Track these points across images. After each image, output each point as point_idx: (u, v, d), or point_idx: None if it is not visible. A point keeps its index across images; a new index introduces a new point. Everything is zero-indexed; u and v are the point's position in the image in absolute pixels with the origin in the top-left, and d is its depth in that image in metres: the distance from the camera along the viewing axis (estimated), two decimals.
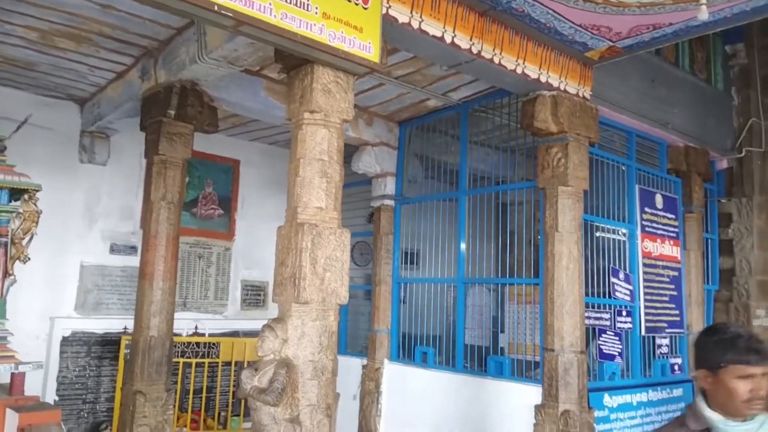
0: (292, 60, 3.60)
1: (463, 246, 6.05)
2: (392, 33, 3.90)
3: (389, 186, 6.83)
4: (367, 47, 3.58)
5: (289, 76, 3.70)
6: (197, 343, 7.02)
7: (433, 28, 4.11)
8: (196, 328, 7.16)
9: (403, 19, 3.92)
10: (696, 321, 6.41)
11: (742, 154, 6.89)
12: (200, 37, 4.43)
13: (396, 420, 6.24)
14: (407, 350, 6.46)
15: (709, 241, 6.95)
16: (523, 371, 5.44)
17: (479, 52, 4.42)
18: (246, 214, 7.94)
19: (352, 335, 7.49)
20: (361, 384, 6.65)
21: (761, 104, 6.93)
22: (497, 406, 5.33)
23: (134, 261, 6.24)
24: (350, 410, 6.47)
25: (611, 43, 4.95)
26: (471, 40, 4.34)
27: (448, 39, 4.21)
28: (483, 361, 5.74)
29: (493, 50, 4.51)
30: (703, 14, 3.39)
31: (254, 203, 8.00)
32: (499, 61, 4.58)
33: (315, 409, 3.34)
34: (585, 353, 4.99)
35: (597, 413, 5.05)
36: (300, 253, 3.37)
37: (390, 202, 6.82)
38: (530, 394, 5.06)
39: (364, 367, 6.68)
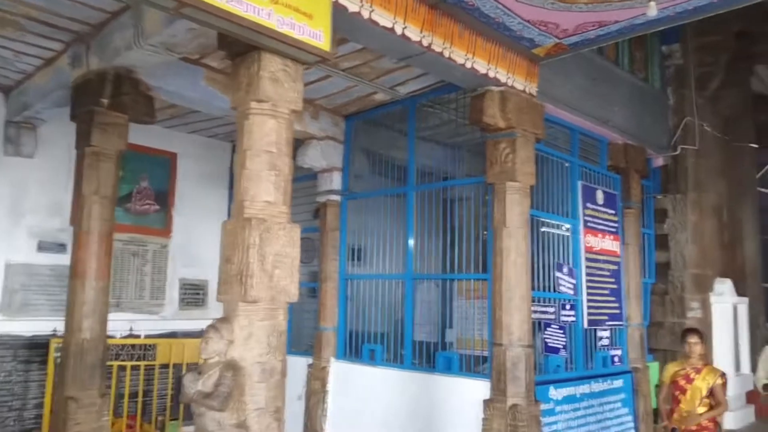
0: (238, 46, 3.42)
1: (411, 242, 6.00)
2: (342, 22, 3.78)
3: (335, 181, 6.70)
4: (318, 35, 3.45)
5: (234, 64, 3.52)
6: (132, 346, 6.69)
7: (383, 18, 4.02)
8: (131, 329, 6.82)
9: (353, 8, 3.81)
10: (634, 313, 6.61)
11: (677, 152, 7.14)
12: (137, 21, 4.17)
13: (343, 420, 6.13)
14: (354, 348, 6.36)
15: (646, 235, 7.18)
16: (472, 366, 5.45)
17: (430, 45, 4.36)
18: (184, 210, 7.63)
19: (297, 334, 7.32)
20: (307, 384, 6.50)
21: (695, 103, 7.20)
22: (446, 402, 5.30)
23: (64, 259, 5.86)
24: (295, 411, 6.31)
25: (558, 40, 5.00)
26: (422, 32, 4.28)
27: (398, 30, 4.14)
28: (432, 357, 5.71)
29: (444, 44, 4.47)
30: (652, 11, 3.44)
31: (193, 198, 7.70)
32: (450, 54, 4.54)
33: (263, 412, 3.20)
34: (532, 347, 5.03)
35: (543, 406, 5.11)
36: (247, 249, 3.21)
37: (336, 198, 6.69)
38: (479, 388, 5.06)
39: (309, 366, 6.53)
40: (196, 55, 5.09)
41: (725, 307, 7.50)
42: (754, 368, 8.08)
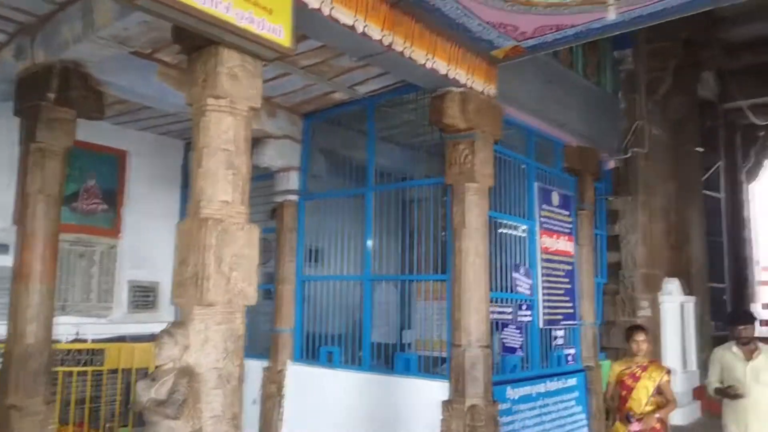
0: (195, 40, 3.31)
1: (369, 243, 5.96)
2: (302, 18, 3.69)
3: (293, 181, 6.60)
4: (278, 31, 3.37)
5: (190, 59, 3.40)
6: (79, 351, 6.43)
7: (344, 16, 3.96)
8: (78, 333, 6.55)
9: (313, 4, 3.74)
10: (587, 313, 6.74)
11: (628, 155, 7.32)
12: (86, 13, 3.99)
13: (300, 423, 6.03)
14: (312, 350, 6.27)
15: (599, 236, 7.33)
16: (431, 367, 5.44)
17: (390, 44, 4.33)
18: (134, 210, 7.37)
19: (252, 336, 7.12)
20: (262, 387, 6.37)
21: (645, 108, 7.40)
22: (405, 404, 5.28)
23: (6, 261, 5.56)
24: (250, 416, 6.17)
25: (516, 43, 5.05)
26: (382, 31, 4.24)
27: (359, 29, 4.09)
28: (390, 358, 5.68)
29: (404, 43, 4.44)
30: (611, 14, 3.49)
31: (144, 197, 7.45)
32: (410, 54, 4.52)
33: (220, 420, 3.10)
34: (490, 347, 5.06)
35: (501, 406, 5.15)
36: (204, 250, 3.11)
37: (294, 198, 6.59)
38: (438, 390, 5.06)
39: (265, 369, 6.41)
40: (149, 49, 4.92)
41: (673, 305, 7.74)
42: (701, 365, 8.37)
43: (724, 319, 10.25)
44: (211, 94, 3.23)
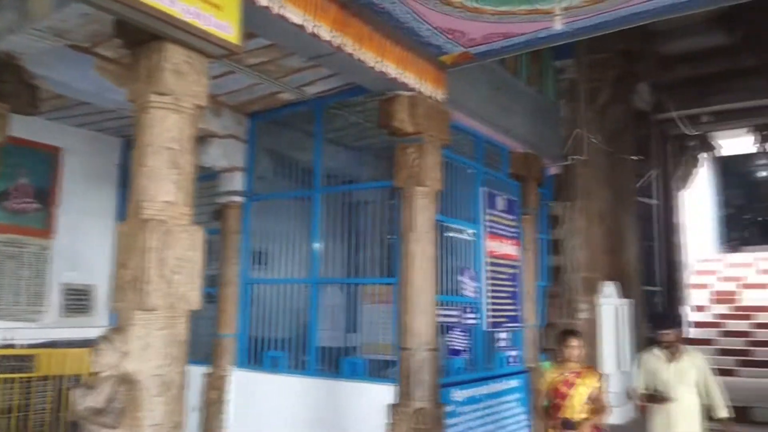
0: (138, 35, 3.18)
1: (316, 245, 5.89)
2: (251, 15, 3.62)
3: (238, 182, 6.46)
4: (226, 27, 3.29)
5: (132, 54, 3.27)
6: (8, 357, 6.08)
7: (294, 15, 3.91)
8: (6, 339, 6.20)
9: (262, 1, 3.68)
10: (530, 315, 6.88)
11: (569, 162, 7.53)
12: (21, 3, 3.78)
13: (243, 431, 5.89)
14: (256, 356, 6.14)
15: (542, 240, 7.50)
16: (377, 371, 5.42)
17: (340, 45, 4.30)
18: (68, 209, 7.05)
19: (193, 341, 6.85)
20: (203, 394, 6.20)
21: (585, 116, 7.63)
22: (352, 408, 5.24)
23: None
24: (190, 423, 5.98)
25: (465, 49, 5.11)
26: (332, 32, 4.21)
27: (309, 29, 4.04)
28: (337, 362, 5.62)
29: (354, 45, 4.43)
30: (558, 25, 3.57)
31: (79, 197, 7.13)
32: (360, 56, 4.50)
33: (161, 429, 2.99)
34: (437, 350, 5.08)
35: (446, 408, 5.18)
36: (145, 253, 2.99)
37: (239, 199, 6.45)
38: (384, 393, 5.04)
39: (206, 375, 6.23)
40: (88, 42, 4.70)
41: (610, 308, 8.00)
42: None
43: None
44: (155, 91, 3.12)
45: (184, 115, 3.22)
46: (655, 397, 4.48)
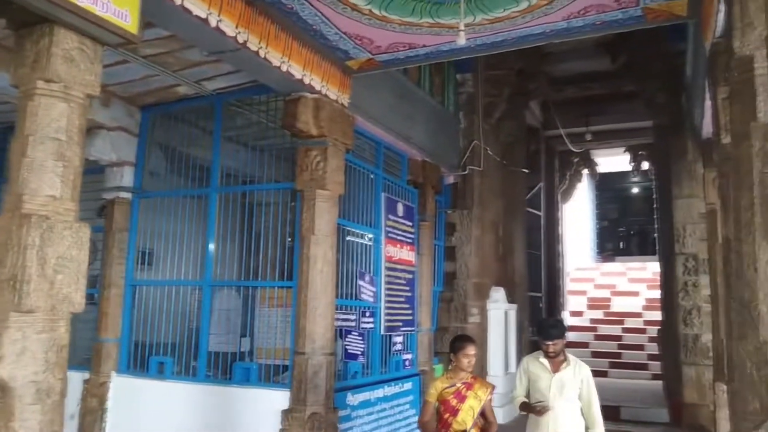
0: (24, 15, 2.93)
1: (211, 246, 5.69)
2: (151, 5, 3.44)
3: (126, 177, 6.10)
4: (124, 15, 3.11)
5: (18, 35, 3.01)
6: None
7: (197, 7, 3.77)
8: None
9: None
10: (425, 319, 7.05)
11: (466, 172, 7.81)
12: None
13: None
14: (140, 361, 5.83)
15: (437, 247, 7.72)
16: (271, 376, 5.32)
17: (245, 42, 4.20)
18: None
19: (72, 345, 6.48)
20: (82, 401, 5.79)
21: (482, 129, 7.96)
22: (243, 415, 5.10)
23: None
24: None
25: (371, 56, 5.16)
26: (237, 28, 4.10)
27: (213, 23, 3.91)
28: (229, 368, 5.45)
29: (260, 43, 4.34)
30: (461, 40, 3.69)
31: None
32: (265, 55, 4.42)
33: None
34: (334, 355, 5.07)
35: (341, 412, 5.18)
36: (24, 250, 2.75)
37: (126, 195, 6.09)
38: (278, 399, 4.96)
39: (85, 381, 5.83)
40: None
41: (499, 312, 8.36)
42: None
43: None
44: (42, 77, 2.89)
45: (74, 105, 3.00)
46: (533, 407, 4.03)
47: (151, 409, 5.52)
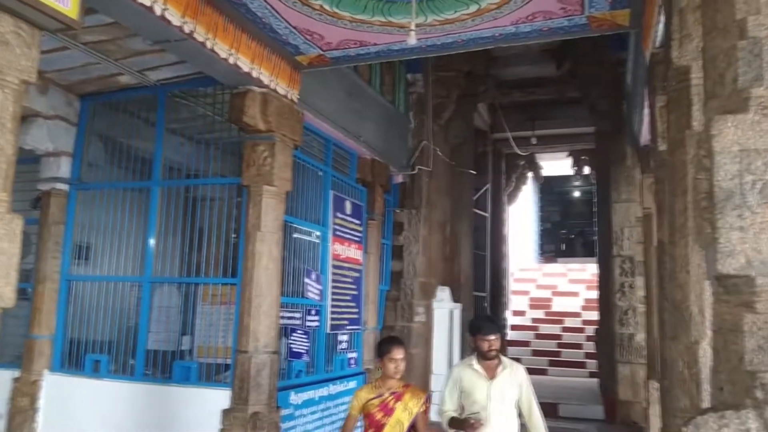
0: None
1: (152, 241, 5.53)
2: None
3: (63, 168, 5.86)
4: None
5: None
6: None
7: None
8: None
9: None
10: (371, 318, 7.06)
11: (415, 171, 7.85)
12: None
13: None
14: (75, 359, 5.61)
15: (385, 245, 7.74)
16: (212, 375, 5.21)
17: (192, 32, 4.10)
18: None
19: (1, 342, 6.20)
20: (11, 401, 5.53)
21: (431, 130, 8.02)
22: (182, 414, 4.97)
23: None
24: None
25: (321, 52, 5.12)
26: (184, 18, 4.00)
27: (158, 11, 3.79)
28: (169, 367, 5.31)
29: (207, 34, 4.24)
30: (412, 39, 3.70)
31: None
32: (212, 47, 4.32)
33: None
34: (278, 353, 5.01)
35: (283, 411, 5.12)
36: None
37: (63, 187, 5.85)
38: (219, 398, 4.86)
39: (15, 380, 5.57)
40: None
41: (444, 311, 8.45)
42: None
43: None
44: None
45: (8, 91, 2.85)
46: (465, 421, 3.50)
47: (85, 408, 5.32)
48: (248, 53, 4.68)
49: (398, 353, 3.45)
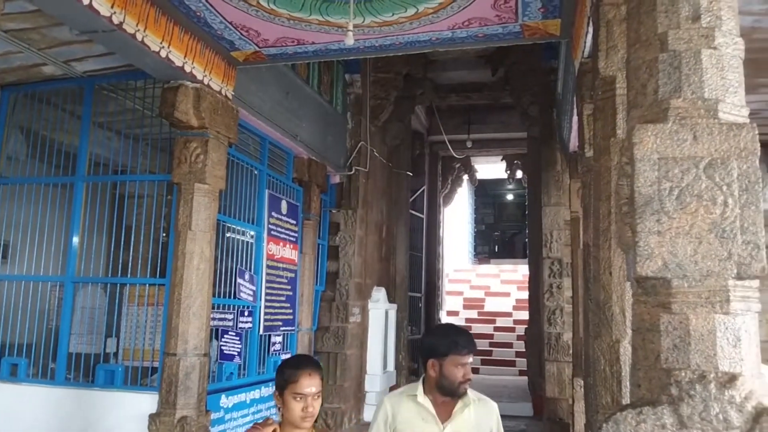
0: None
1: (75, 239, 5.28)
2: None
3: None
4: None
5: None
6: None
7: None
8: None
9: None
10: (305, 319, 6.99)
11: (352, 172, 7.84)
12: None
13: None
14: None
15: (321, 246, 7.68)
16: (138, 379, 5.03)
17: (121, 23, 3.94)
18: None
19: None
20: None
21: (369, 130, 8.04)
22: (106, 420, 4.78)
23: None
24: None
25: (258, 48, 5.04)
26: (113, 8, 3.84)
27: (85, 0, 3.63)
28: (92, 370, 5.09)
29: (138, 26, 4.09)
30: (349, 40, 3.69)
31: None
32: (143, 39, 4.17)
33: None
34: (208, 356, 4.89)
35: (213, 415, 5.00)
36: None
37: None
38: (145, 402, 4.70)
39: None
40: None
41: (379, 312, 8.49)
42: (398, 366, 9.31)
43: (417, 324, 11.66)
44: None
45: None
46: None
47: (2, 414, 5.02)
48: (181, 47, 4.55)
49: (308, 385, 2.23)
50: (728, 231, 1.90)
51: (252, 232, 6.03)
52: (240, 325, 5.58)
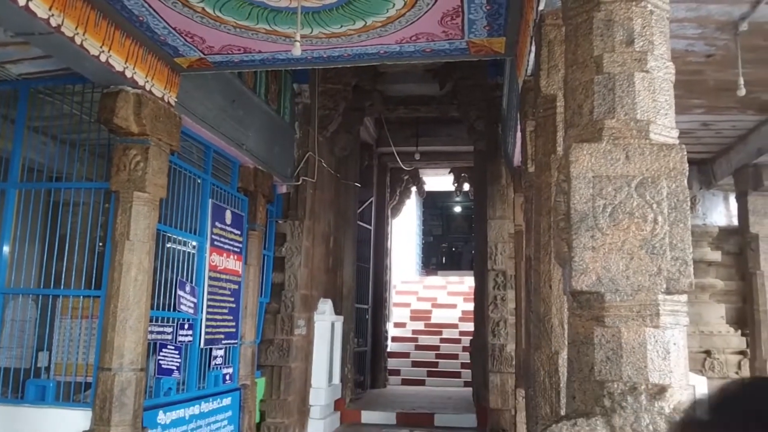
0: None
1: (5, 249, 5.03)
2: None
3: None
4: None
5: None
6: None
7: None
8: None
9: None
10: (249, 331, 6.86)
11: (299, 182, 7.78)
12: None
13: None
14: None
15: (266, 257, 7.57)
16: (71, 395, 4.81)
17: (59, 26, 3.81)
18: None
19: None
20: None
21: (317, 141, 8.00)
22: None
23: None
24: None
25: (202, 55, 4.96)
26: (51, 10, 3.71)
27: (21, 1, 3.49)
28: (22, 386, 4.84)
29: (77, 29, 3.96)
30: (297, 50, 3.67)
31: None
32: (82, 42, 4.04)
33: None
34: (145, 370, 4.73)
35: None
36: None
37: None
38: (77, 419, 4.50)
39: None
40: None
41: (325, 324, 8.42)
42: (343, 379, 9.25)
43: (364, 336, 11.62)
44: None
45: None
46: None
47: None
48: (122, 51, 4.42)
49: None
50: (658, 247, 1.97)
51: (194, 243, 5.89)
52: (180, 338, 5.43)
